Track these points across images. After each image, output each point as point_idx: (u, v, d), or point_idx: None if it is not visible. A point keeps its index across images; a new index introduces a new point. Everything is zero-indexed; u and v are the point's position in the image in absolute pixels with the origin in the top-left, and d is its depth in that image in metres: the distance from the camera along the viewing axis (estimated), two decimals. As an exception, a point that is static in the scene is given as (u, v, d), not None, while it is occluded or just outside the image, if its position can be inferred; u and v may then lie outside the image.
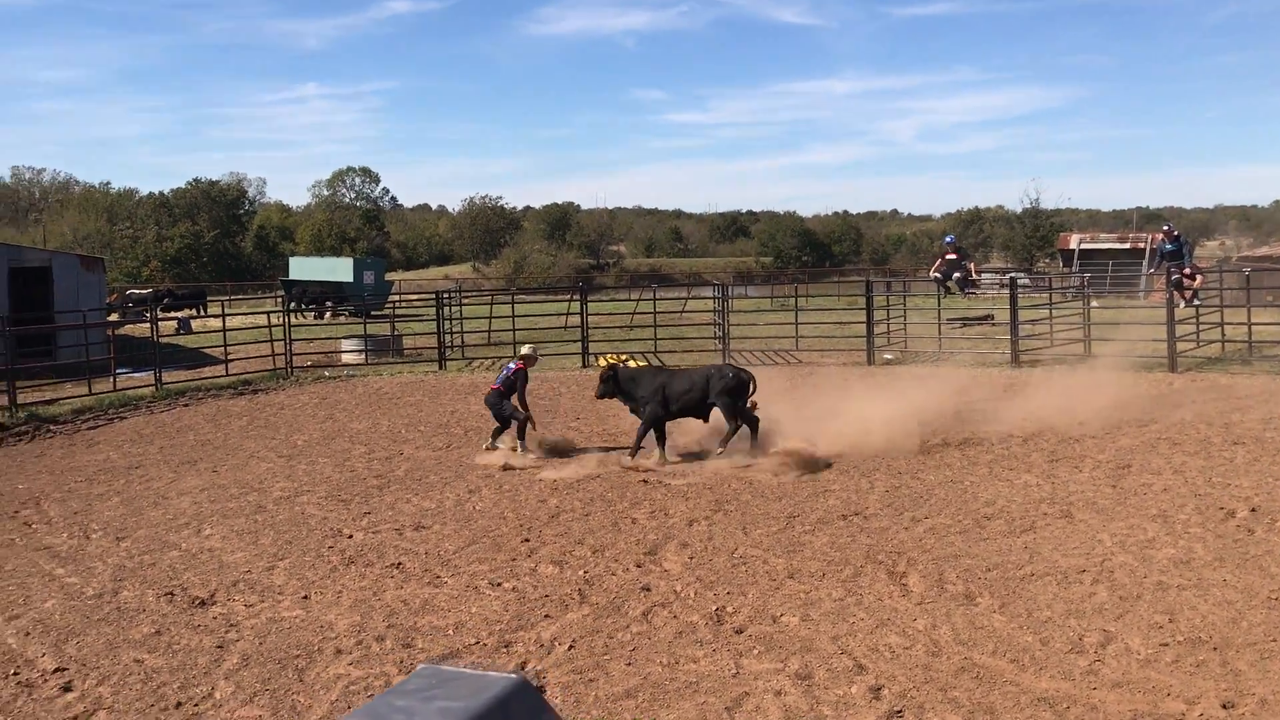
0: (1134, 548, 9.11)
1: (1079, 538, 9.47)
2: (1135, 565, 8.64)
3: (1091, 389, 17.15)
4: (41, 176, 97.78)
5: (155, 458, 14.37)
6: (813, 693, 6.50)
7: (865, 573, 8.74)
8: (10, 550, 10.08)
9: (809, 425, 13.73)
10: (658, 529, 10.21)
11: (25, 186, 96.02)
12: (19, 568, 9.50)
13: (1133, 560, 8.77)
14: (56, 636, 7.80)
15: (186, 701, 6.65)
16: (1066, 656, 6.89)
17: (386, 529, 10.51)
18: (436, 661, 7.12)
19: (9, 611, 8.34)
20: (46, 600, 8.60)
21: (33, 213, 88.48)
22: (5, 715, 6.50)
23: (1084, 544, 9.28)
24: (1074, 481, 11.57)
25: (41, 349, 24.82)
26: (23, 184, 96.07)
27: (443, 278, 73.43)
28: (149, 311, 25.83)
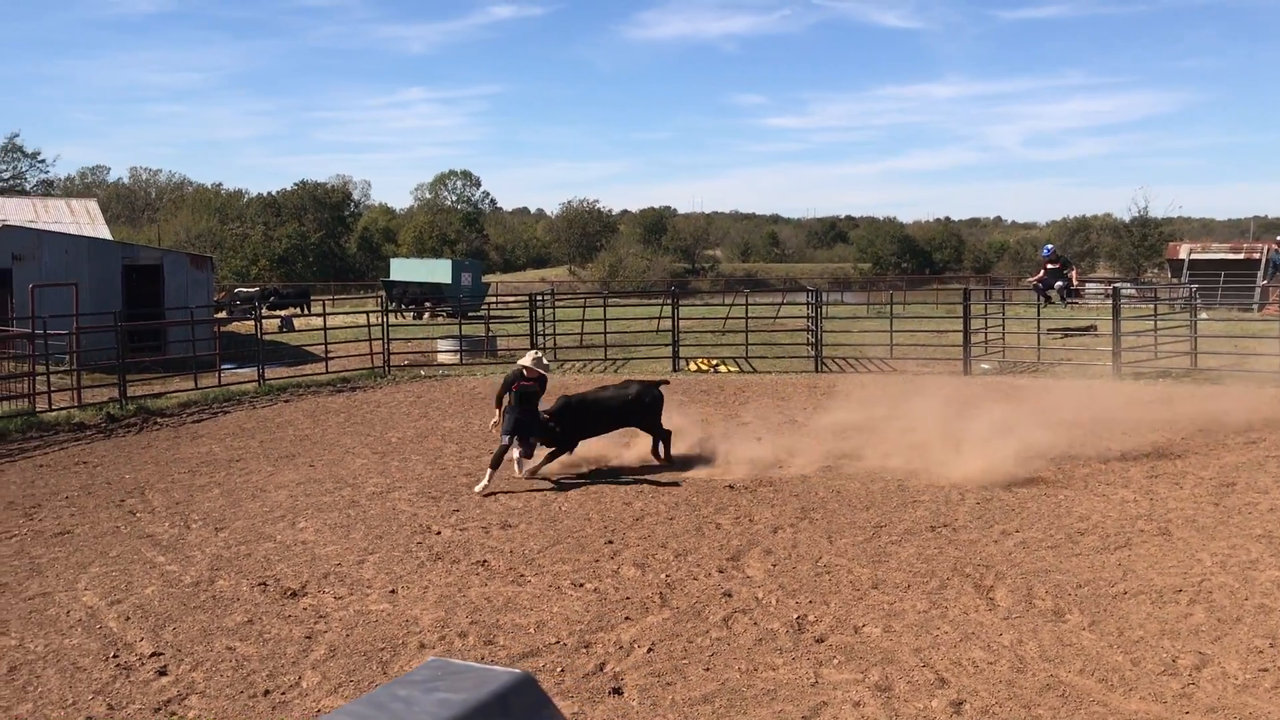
0: (1235, 568, 8.80)
1: (1177, 556, 9.19)
2: (1236, 586, 8.34)
3: (1196, 402, 16.61)
4: (157, 177, 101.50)
5: (255, 451, 14.79)
6: (892, 705, 6.41)
7: (951, 585, 8.60)
8: (115, 537, 10.47)
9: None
10: (742, 535, 10.18)
11: (142, 187, 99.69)
12: (123, 554, 9.86)
13: (1233, 581, 8.47)
14: (154, 622, 8.07)
15: (274, 690, 6.83)
16: (1158, 678, 6.68)
17: (474, 526, 10.66)
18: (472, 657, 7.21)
19: (111, 596, 8.67)
20: (147, 587, 8.91)
21: (148, 212, 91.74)
22: (104, 697, 6.76)
23: (1182, 563, 9.00)
24: (1174, 498, 11.22)
25: (151, 344, 25.71)
26: (140, 184, 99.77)
27: (539, 280, 74.18)
28: (255, 309, 26.59)
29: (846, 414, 16.04)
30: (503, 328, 30.44)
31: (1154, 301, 30.61)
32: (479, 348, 26.00)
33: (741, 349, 24.86)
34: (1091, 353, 23.35)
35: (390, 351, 23.38)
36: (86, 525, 10.93)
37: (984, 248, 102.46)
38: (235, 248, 78.40)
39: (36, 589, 8.87)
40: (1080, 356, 23.26)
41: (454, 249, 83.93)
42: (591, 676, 6.95)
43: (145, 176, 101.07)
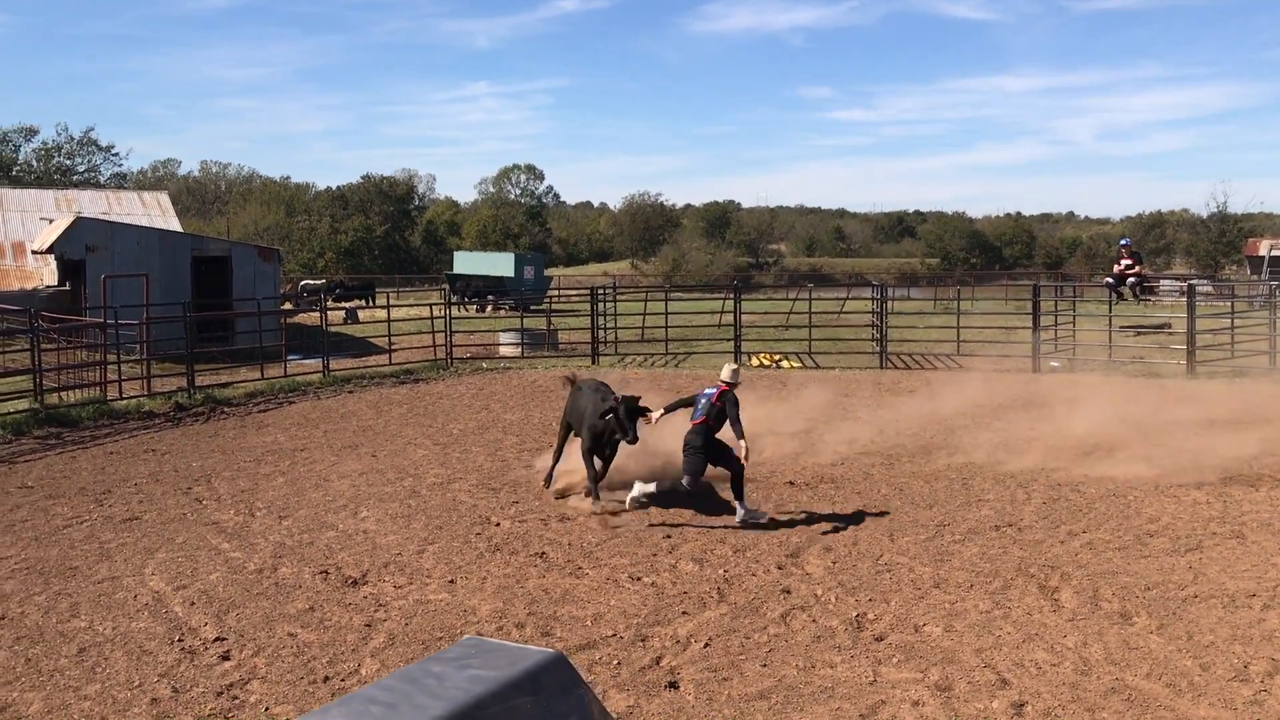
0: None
1: (1250, 560, 8.93)
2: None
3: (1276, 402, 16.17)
4: (227, 171, 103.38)
5: (319, 441, 14.98)
6: (951, 705, 6.31)
7: (1015, 585, 8.44)
8: (181, 524, 10.66)
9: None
10: (800, 532, 10.09)
11: (212, 180, 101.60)
12: (188, 541, 10.04)
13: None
14: (219, 608, 8.20)
15: (334, 676, 6.90)
16: (1228, 684, 6.49)
17: (533, 519, 10.69)
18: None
19: (177, 581, 8.82)
20: (211, 573, 9.05)
21: (217, 205, 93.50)
22: (168, 679, 6.88)
23: (1255, 567, 8.74)
24: (1248, 500, 10.91)
25: (219, 334, 26.19)
26: (209, 178, 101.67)
27: (601, 274, 74.35)
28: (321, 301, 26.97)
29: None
30: (564, 321, 30.55)
31: (1231, 299, 29.85)
32: (540, 341, 26.12)
33: (805, 344, 24.67)
34: (1165, 351, 22.83)
35: (453, 344, 23.58)
36: (154, 512, 11.14)
37: (1056, 243, 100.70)
38: (302, 240, 79.66)
39: (105, 573, 9.06)
40: (1153, 355, 22.75)
41: (517, 243, 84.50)
42: (648, 670, 6.92)
43: (215, 170, 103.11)
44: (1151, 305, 35.63)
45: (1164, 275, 64.31)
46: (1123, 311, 27.30)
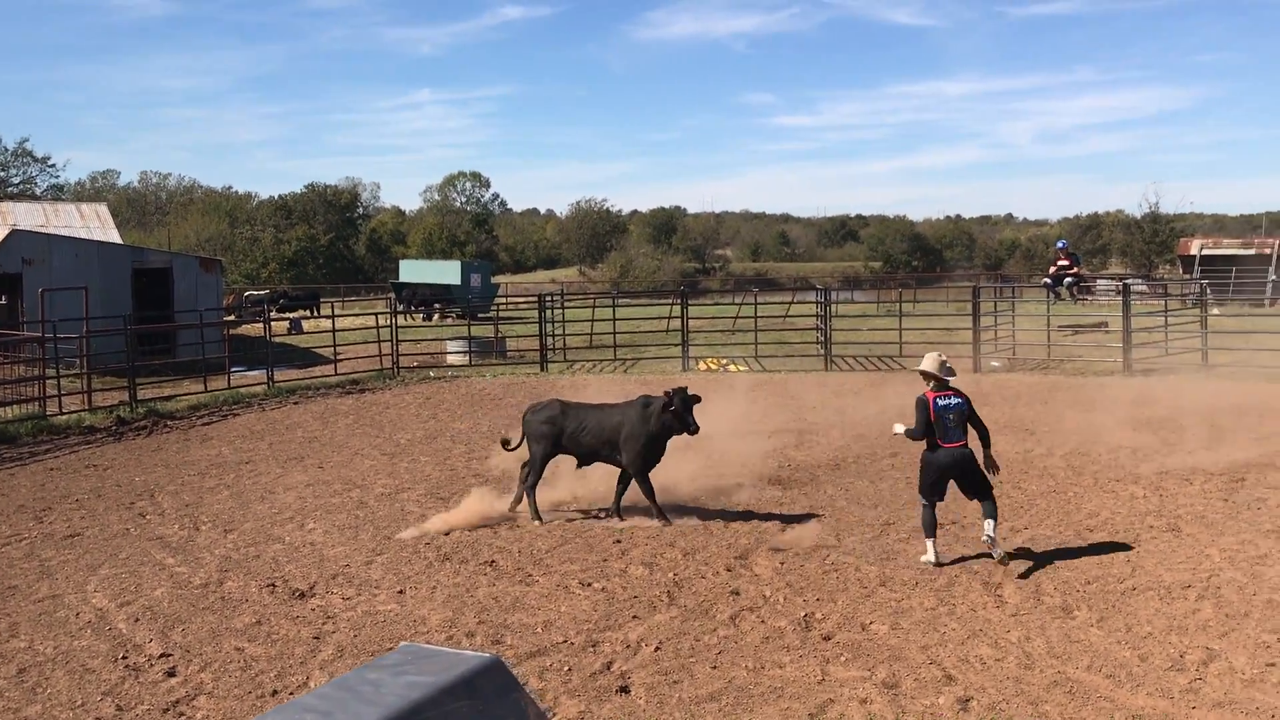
0: (1244, 564, 8.77)
1: (1185, 552, 9.15)
2: (1245, 582, 8.31)
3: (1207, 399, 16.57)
4: (167, 181, 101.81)
5: (264, 453, 14.83)
6: (899, 702, 6.40)
7: (959, 582, 8.59)
8: (125, 539, 10.51)
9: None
10: (750, 533, 10.17)
11: (152, 191, 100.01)
12: (132, 556, 9.90)
13: (1242, 577, 8.44)
14: (164, 623, 8.10)
15: (282, 690, 6.85)
16: (1166, 674, 6.66)
17: (482, 527, 10.67)
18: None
19: (121, 598, 8.70)
20: (156, 588, 8.94)
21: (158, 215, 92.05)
22: (113, 698, 6.79)
23: (1191, 559, 8.97)
24: (1183, 495, 11.18)
25: (161, 347, 25.81)
26: (149, 188, 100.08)
27: (549, 281, 74.26)
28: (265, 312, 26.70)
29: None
30: (512, 329, 30.47)
31: (1165, 298, 30.50)
32: (488, 349, 26.05)
33: (751, 348, 24.84)
34: (1102, 349, 23.27)
35: (399, 353, 23.45)
36: (96, 528, 10.98)
37: (995, 245, 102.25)
38: (245, 251, 78.61)
39: (46, 591, 8.91)
40: (1090, 354, 23.19)
41: (463, 250, 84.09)
42: (599, 675, 6.95)
43: (155, 180, 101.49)
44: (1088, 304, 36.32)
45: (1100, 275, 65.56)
46: (1061, 311, 27.79)
